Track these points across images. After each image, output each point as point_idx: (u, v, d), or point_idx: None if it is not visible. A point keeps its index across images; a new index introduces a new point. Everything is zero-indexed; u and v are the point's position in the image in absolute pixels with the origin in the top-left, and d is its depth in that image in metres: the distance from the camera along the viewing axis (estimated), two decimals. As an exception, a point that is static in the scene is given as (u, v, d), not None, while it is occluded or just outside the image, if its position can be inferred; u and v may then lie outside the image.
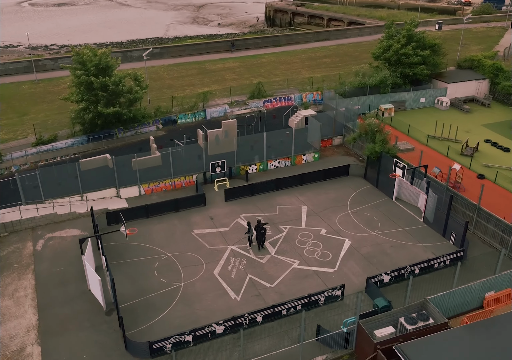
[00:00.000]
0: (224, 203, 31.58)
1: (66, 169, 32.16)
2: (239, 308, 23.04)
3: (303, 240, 27.83)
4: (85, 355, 20.68)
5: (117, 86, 36.01)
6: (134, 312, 22.94)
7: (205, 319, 22.27)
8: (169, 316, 22.68)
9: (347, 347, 20.46)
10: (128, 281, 24.90)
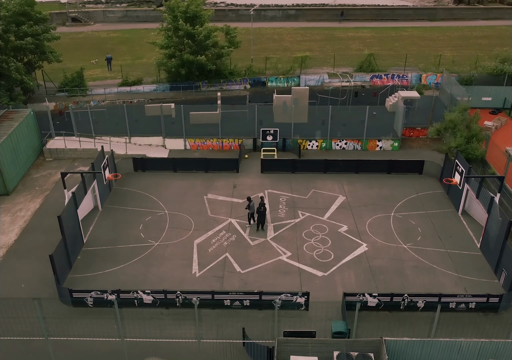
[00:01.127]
0: (258, 174, 28.57)
1: (131, 110, 32.57)
2: (190, 284, 20.52)
3: (313, 233, 23.57)
4: (24, 284, 20.58)
5: (204, 37, 34.72)
6: (94, 257, 22.15)
7: (149, 285, 20.37)
8: (121, 271, 21.32)
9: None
10: (111, 227, 24.16)
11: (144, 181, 27.99)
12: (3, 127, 28.27)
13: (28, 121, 29.78)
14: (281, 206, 25.55)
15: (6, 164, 26.96)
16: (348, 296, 18.71)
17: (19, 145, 28.47)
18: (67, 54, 47.30)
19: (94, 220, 24.66)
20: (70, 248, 21.22)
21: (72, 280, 20.90)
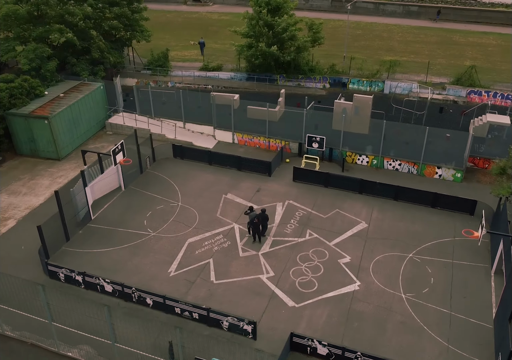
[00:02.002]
0: (289, 182, 27.06)
1: (198, 96, 33.00)
2: (159, 282, 20.43)
3: (309, 257, 21.74)
4: (25, 247, 22.30)
5: (281, 29, 33.44)
6: (92, 235, 23.15)
7: (124, 273, 20.77)
8: (107, 254, 22.00)
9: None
10: (122, 208, 24.96)
11: (175, 169, 28.27)
12: (69, 97, 30.58)
13: (95, 95, 31.77)
14: (293, 221, 23.92)
15: (61, 132, 29.20)
16: (296, 338, 16.94)
17: (80, 116, 30.57)
18: (173, 33, 49.39)
19: (112, 199, 25.66)
20: (78, 221, 22.74)
21: (63, 252, 22.13)
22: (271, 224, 23.50)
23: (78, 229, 23.44)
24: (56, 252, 22.06)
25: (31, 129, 28.94)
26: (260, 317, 18.76)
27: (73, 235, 23.09)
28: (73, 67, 33.85)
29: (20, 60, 31.24)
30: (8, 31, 32.93)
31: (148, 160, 28.10)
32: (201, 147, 30.35)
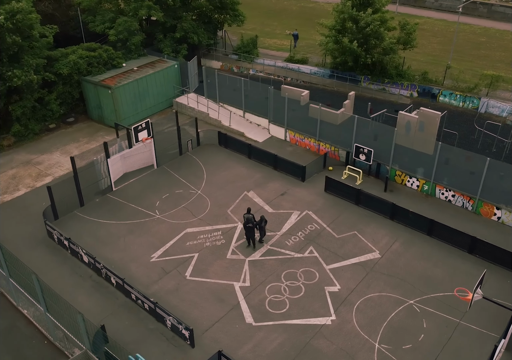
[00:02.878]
0: (319, 191, 24.91)
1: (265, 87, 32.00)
2: (136, 264, 20.36)
3: (295, 277, 19.81)
4: (46, 204, 23.78)
5: (364, 24, 30.59)
6: (105, 205, 23.92)
7: (111, 248, 21.15)
8: (107, 226, 22.51)
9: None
10: (144, 186, 25.29)
11: (214, 156, 27.76)
12: (141, 71, 31.69)
13: (167, 72, 32.45)
14: (301, 234, 21.96)
15: (124, 103, 30.44)
16: (223, 358, 15.54)
17: (147, 91, 31.53)
18: (282, 21, 48.32)
19: (140, 175, 26.10)
20: (100, 190, 23.88)
21: (73, 215, 23.19)
22: (276, 231, 21.84)
23: (96, 197, 24.28)
24: (67, 214, 23.14)
25: (98, 97, 30.62)
26: (210, 326, 17.61)
27: (89, 202, 23.96)
28: (158, 43, 34.92)
29: (109, 31, 33.05)
30: (109, 3, 34.95)
31: (190, 143, 27.95)
32: (250, 139, 29.34)
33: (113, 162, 24.22)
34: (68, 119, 32.08)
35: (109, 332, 17.07)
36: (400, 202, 23.02)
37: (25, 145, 29.53)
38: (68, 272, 19.99)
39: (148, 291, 18.92)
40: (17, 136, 29.72)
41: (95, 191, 24.60)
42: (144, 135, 23.86)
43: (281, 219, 22.75)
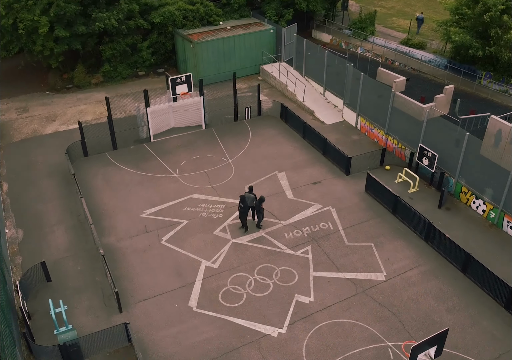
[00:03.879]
0: (358, 190, 21.15)
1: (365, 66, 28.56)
2: (124, 215, 19.59)
3: (270, 273, 17.01)
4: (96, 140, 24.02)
5: (485, 7, 24.66)
6: (135, 153, 23.54)
7: (110, 194, 20.75)
8: (123, 173, 22.08)
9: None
10: (180, 143, 24.26)
11: (267, 129, 25.44)
12: (232, 31, 30.33)
13: (260, 36, 30.56)
14: (307, 229, 18.82)
15: (205, 61, 29.56)
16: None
17: (234, 52, 30.13)
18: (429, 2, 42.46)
19: (184, 133, 25.10)
20: (140, 138, 23.87)
21: (101, 156, 23.33)
22: (281, 220, 19.09)
23: (132, 144, 23.99)
24: (98, 154, 23.26)
25: (184, 51, 30.19)
26: (151, 296, 16.04)
27: (124, 147, 23.76)
28: (264, 5, 33.02)
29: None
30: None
31: (248, 110, 25.97)
32: (317, 119, 26.23)
33: (154, 113, 23.49)
34: (158, 70, 32.36)
35: (59, 272, 16.74)
36: (452, 226, 18.41)
37: (109, 86, 30.55)
38: (63, 206, 20.01)
39: (117, 244, 18.03)
40: (105, 76, 30.88)
41: (135, 138, 24.30)
42: (183, 89, 22.54)
43: (295, 209, 19.75)
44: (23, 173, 22.15)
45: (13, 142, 24.77)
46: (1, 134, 25.57)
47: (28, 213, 19.71)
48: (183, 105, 24.19)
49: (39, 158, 23.16)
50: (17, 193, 20.95)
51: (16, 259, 17.54)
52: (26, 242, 18.26)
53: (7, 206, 20.12)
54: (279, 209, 19.74)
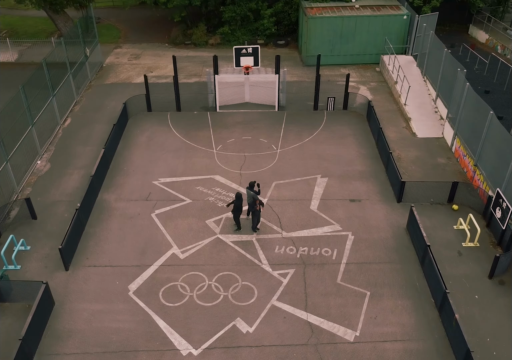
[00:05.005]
0: (398, 222, 17.02)
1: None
2: (137, 179, 18.97)
3: (228, 284, 14.73)
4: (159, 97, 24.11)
5: None
6: (194, 120, 22.64)
7: (142, 159, 20.36)
8: (166, 138, 21.42)
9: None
10: (241, 121, 22.57)
11: (344, 126, 22.21)
12: (357, 10, 26.76)
13: (387, 21, 26.57)
14: (304, 249, 15.82)
15: (317, 38, 26.96)
16: (40, 292, 13.43)
17: (353, 35, 26.80)
18: None
19: (254, 110, 23.27)
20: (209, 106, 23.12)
21: (163, 114, 23.04)
22: (284, 231, 16.45)
23: (198, 110, 23.12)
24: (159, 111, 23.00)
25: (302, 24, 27.79)
26: (102, 265, 15.26)
27: (189, 111, 23.05)
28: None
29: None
30: None
31: (331, 101, 22.81)
32: (409, 128, 21.91)
33: (223, 83, 22.06)
34: (279, 41, 30.53)
35: (48, 213, 17.16)
36: (491, 309, 13.64)
37: (224, 49, 29.85)
38: (96, 153, 20.07)
39: (112, 203, 17.65)
40: (223, 38, 30.26)
41: (203, 104, 23.34)
42: (248, 62, 20.41)
43: (307, 222, 16.76)
44: (88, 114, 22.99)
45: (104, 84, 25.87)
46: (101, 75, 26.92)
47: (65, 151, 20.40)
48: (260, 81, 22.16)
49: (111, 103, 23.73)
50: (72, 130, 21.83)
51: (27, 190, 18.26)
52: (45, 177, 18.91)
53: (55, 140, 21.07)
54: (290, 217, 16.94)
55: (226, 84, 22.27)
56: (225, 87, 22.36)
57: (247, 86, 22.71)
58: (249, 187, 16.00)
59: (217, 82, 21.84)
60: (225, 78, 21.98)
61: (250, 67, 20.69)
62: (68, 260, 15.03)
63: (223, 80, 21.99)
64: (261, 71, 22.02)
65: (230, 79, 22.01)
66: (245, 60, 20.56)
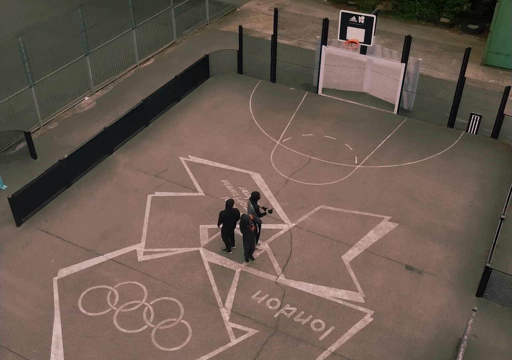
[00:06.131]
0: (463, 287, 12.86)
1: None
2: (162, 150, 18.04)
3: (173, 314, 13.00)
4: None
5: None
6: (281, 100, 20.60)
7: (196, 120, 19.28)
8: (238, 106, 19.87)
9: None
10: (338, 116, 19.67)
11: (476, 162, 17.58)
12: None
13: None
14: (290, 312, 12.93)
15: (502, 24, 21.78)
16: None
17: None
18: None
19: (363, 105, 20.05)
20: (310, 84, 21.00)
21: (251, 80, 21.38)
22: (284, 276, 13.79)
23: (297, 86, 20.97)
24: (251, 76, 21.52)
25: (499, 7, 22.79)
26: (56, 235, 14.79)
27: (284, 84, 21.06)
28: None
29: None
30: None
31: (475, 120, 18.29)
32: None
33: (332, 59, 19.31)
34: (470, 25, 25.87)
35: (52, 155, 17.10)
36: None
37: (388, 20, 26.49)
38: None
39: (119, 167, 17.24)
40: (396, 7, 26.93)
41: (305, 81, 21.00)
42: (357, 35, 17.07)
43: (322, 275, 13.74)
44: (175, 60, 22.68)
45: (219, 30, 25.14)
46: (226, 19, 26.29)
47: (120, 95, 20.47)
48: (384, 66, 18.79)
49: (204, 51, 22.55)
50: (146, 73, 21.76)
51: (53, 124, 18.78)
52: (80, 116, 19.40)
53: (120, 79, 21.20)
54: (305, 260, 14.14)
55: (337, 61, 19.37)
56: (335, 65, 19.50)
57: (368, 70, 19.48)
58: (252, 199, 13.58)
59: (323, 56, 19.08)
60: (337, 52, 19.01)
61: (356, 42, 17.32)
62: (22, 216, 14.86)
63: (333, 53, 19.07)
64: (385, 54, 18.47)
65: (344, 54, 18.98)
66: (353, 32, 17.22)
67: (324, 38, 18.75)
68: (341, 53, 19.22)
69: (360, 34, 17.09)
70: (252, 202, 13.58)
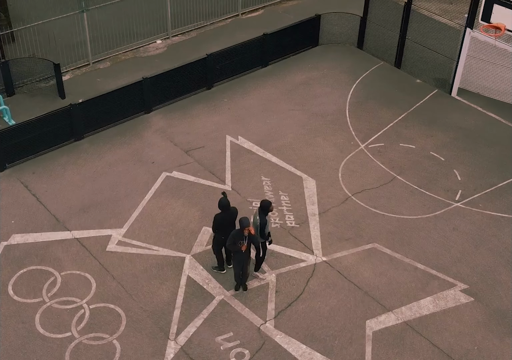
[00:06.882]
0: None
1: None
2: (189, 130, 16.87)
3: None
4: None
5: None
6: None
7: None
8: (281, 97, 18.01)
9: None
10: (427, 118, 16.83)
11: None
12: None
13: None
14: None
15: None
16: None
17: None
18: None
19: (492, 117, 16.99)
20: None
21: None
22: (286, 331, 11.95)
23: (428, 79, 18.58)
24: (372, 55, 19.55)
25: None
26: (41, 193, 14.49)
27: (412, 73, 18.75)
28: None
29: None
30: None
31: None
32: None
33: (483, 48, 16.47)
34: None
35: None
36: None
37: None
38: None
39: (148, 133, 16.59)
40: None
41: (441, 75, 18.35)
42: (505, 20, 13.98)
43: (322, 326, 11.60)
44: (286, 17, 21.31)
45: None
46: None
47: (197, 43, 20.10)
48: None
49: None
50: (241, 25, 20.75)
51: (105, 63, 18.68)
52: (139, 61, 19.32)
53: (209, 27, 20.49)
54: (297, 314, 12.04)
55: (488, 54, 16.39)
56: (484, 60, 16.58)
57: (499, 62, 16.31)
58: (262, 209, 11.74)
59: (466, 43, 16.23)
60: (489, 41, 15.93)
61: (503, 28, 14.11)
62: (8, 160, 14.82)
63: (484, 40, 16.03)
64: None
65: (501, 46, 15.89)
66: (500, 14, 14.06)
67: (471, 17, 15.84)
68: (495, 44, 16.16)
69: (508, 17, 13.95)
70: (260, 214, 11.73)
